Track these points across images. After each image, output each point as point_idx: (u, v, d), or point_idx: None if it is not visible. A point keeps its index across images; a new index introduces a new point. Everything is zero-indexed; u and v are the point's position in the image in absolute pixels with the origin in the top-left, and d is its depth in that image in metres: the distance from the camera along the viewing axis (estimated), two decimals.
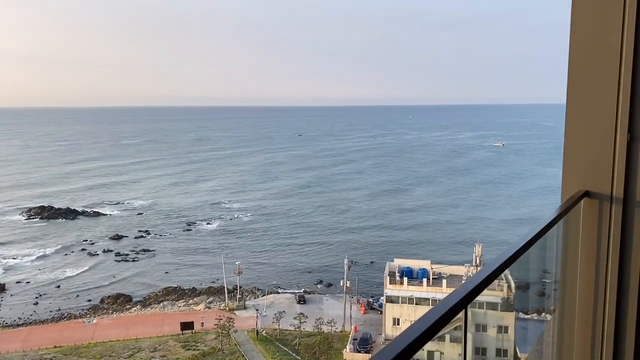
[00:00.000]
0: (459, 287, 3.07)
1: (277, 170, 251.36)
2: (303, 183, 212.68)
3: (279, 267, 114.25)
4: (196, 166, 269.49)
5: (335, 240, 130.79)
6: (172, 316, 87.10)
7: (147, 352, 73.40)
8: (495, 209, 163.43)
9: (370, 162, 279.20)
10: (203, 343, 75.78)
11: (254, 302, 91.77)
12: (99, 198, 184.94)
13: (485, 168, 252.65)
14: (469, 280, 3.15)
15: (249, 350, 73.48)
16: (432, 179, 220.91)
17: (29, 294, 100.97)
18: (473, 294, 3.01)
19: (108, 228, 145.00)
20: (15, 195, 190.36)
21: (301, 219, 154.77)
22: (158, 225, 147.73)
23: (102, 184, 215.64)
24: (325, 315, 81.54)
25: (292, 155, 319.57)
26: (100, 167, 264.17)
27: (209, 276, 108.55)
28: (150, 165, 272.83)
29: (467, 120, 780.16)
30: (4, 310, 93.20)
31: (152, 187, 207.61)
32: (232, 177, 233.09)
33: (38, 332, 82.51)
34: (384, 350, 2.20)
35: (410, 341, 2.29)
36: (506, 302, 40.18)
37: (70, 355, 73.17)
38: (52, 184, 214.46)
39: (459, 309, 2.83)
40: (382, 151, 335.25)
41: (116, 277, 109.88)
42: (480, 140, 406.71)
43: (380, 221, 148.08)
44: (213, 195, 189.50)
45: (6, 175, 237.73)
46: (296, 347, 74.48)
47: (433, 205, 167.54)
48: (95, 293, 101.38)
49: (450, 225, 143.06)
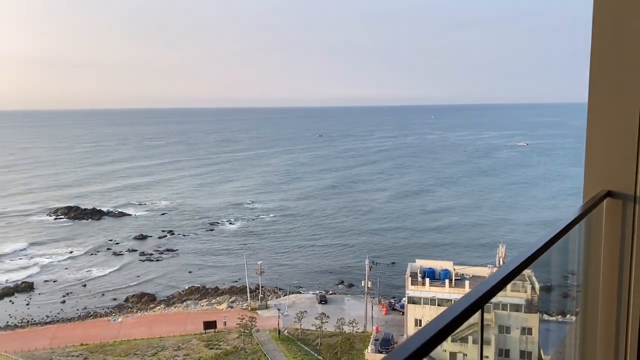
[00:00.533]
0: (475, 286, 3.04)
1: (300, 171, 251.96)
2: (326, 184, 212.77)
3: (301, 268, 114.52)
4: (219, 167, 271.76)
5: (357, 241, 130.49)
6: (195, 315, 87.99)
7: (171, 351, 74.28)
8: (520, 210, 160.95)
9: (393, 162, 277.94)
10: (225, 342, 76.38)
11: (275, 302, 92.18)
12: (124, 199, 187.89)
13: (509, 168, 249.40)
14: (486, 280, 3.14)
15: (271, 349, 73.82)
16: (455, 180, 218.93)
17: (56, 292, 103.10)
18: (490, 293, 2.98)
19: (133, 228, 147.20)
20: (43, 196, 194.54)
21: (323, 220, 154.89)
22: (181, 226, 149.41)
23: (127, 185, 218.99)
24: (346, 316, 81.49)
25: (315, 155, 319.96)
26: (125, 169, 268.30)
27: (231, 276, 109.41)
28: (174, 166, 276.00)
29: (491, 119, 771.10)
30: (32, 309, 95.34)
31: (175, 188, 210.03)
32: (255, 177, 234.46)
33: (65, 329, 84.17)
34: (400, 348, 2.20)
35: (425, 340, 2.28)
36: (530, 303, 39.71)
37: (97, 352, 74.46)
38: (78, 185, 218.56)
39: (476, 309, 2.80)
40: (405, 151, 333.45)
41: (140, 276, 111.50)
42: (504, 140, 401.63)
43: (403, 223, 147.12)
44: (236, 196, 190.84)
45: (35, 176, 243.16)
46: (318, 347, 74.56)
47: (456, 207, 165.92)
48: (120, 292, 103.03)
49: (474, 227, 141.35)
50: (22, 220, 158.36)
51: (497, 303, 4.78)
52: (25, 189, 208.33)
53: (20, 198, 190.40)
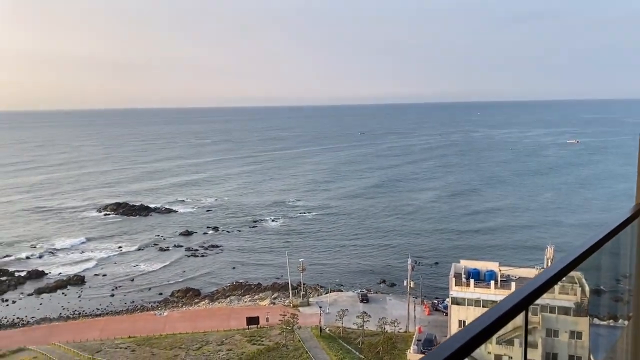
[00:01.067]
0: (520, 287, 2.93)
1: (342, 170, 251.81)
2: (368, 183, 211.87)
3: (342, 266, 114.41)
4: (262, 166, 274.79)
5: (400, 242, 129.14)
6: (238, 311, 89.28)
7: (215, 346, 75.61)
8: (571, 212, 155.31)
9: (438, 161, 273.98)
10: (268, 338, 77.16)
11: (317, 300, 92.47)
12: (171, 196, 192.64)
13: (558, 167, 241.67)
14: (531, 280, 2.99)
15: (312, 346, 74.09)
16: (502, 179, 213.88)
17: (106, 286, 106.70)
18: (535, 295, 2.83)
19: (179, 224, 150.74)
20: (94, 192, 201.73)
21: (366, 219, 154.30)
22: (226, 223, 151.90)
23: (174, 182, 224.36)
24: (388, 315, 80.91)
25: (357, 154, 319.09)
26: (173, 167, 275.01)
27: (273, 273, 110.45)
28: (219, 164, 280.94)
29: (539, 116, 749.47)
30: (83, 301, 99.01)
31: (221, 186, 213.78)
32: (297, 176, 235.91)
33: (114, 322, 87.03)
34: (441, 347, 2.20)
35: (466, 340, 2.26)
36: (579, 306, 38.22)
37: (143, 345, 76.58)
38: (128, 182, 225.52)
39: (520, 310, 2.71)
40: (450, 150, 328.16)
41: (186, 271, 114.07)
42: (553, 138, 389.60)
43: (448, 224, 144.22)
44: (279, 194, 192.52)
45: (87, 173, 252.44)
46: (359, 346, 74.33)
47: (503, 208, 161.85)
48: (166, 286, 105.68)
49: (522, 229, 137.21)
50: (74, 215, 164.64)
51: (545, 305, 4.58)
52: (79, 186, 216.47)
53: (73, 194, 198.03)
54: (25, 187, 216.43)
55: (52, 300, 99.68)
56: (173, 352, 73.54)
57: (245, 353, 72.76)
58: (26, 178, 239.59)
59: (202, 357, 71.92)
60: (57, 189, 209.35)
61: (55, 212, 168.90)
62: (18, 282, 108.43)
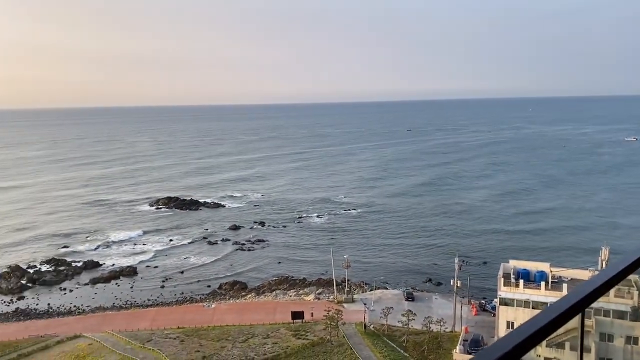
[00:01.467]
0: (575, 289, 2.81)
1: (389, 167, 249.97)
2: (416, 181, 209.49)
3: (388, 264, 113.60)
4: (309, 163, 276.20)
5: (448, 241, 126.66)
6: (283, 304, 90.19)
7: (260, 338, 76.65)
8: (630, 213, 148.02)
9: (488, 159, 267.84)
10: (312, 333, 77.57)
11: (361, 297, 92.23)
12: (220, 190, 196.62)
13: (616, 166, 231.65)
14: (587, 282, 2.86)
15: (356, 343, 73.98)
16: (555, 178, 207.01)
17: (157, 277, 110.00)
18: (591, 297, 2.73)
19: (227, 218, 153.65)
20: (147, 187, 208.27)
21: (413, 218, 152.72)
22: (272, 218, 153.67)
23: (223, 178, 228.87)
24: (434, 314, 79.78)
25: (404, 151, 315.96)
26: (222, 163, 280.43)
27: (318, 268, 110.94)
28: (267, 160, 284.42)
29: (595, 112, 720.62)
30: (135, 292, 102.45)
31: (268, 181, 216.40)
32: (344, 173, 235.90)
33: (164, 313, 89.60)
34: (490, 348, 2.14)
35: (518, 342, 2.19)
36: (636, 311, 36.74)
37: (192, 336, 78.51)
38: (179, 178, 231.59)
39: (575, 313, 2.61)
40: (500, 147, 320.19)
41: (233, 265, 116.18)
42: (609, 135, 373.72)
43: (498, 224, 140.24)
44: (326, 191, 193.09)
45: (141, 168, 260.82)
46: (404, 344, 73.68)
47: (557, 208, 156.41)
48: (214, 279, 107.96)
49: (577, 230, 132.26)
50: (128, 209, 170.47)
51: (599, 309, 4.23)
52: (133, 181, 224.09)
53: (127, 189, 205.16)
54: (83, 180, 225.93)
55: (105, 290, 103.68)
56: (220, 344, 75.02)
57: (290, 347, 73.40)
58: (85, 172, 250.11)
59: (248, 350, 73.06)
60: (112, 183, 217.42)
61: (111, 206, 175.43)
62: (75, 272, 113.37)
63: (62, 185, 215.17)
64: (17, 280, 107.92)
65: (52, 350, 75.03)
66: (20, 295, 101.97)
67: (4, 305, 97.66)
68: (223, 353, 72.31)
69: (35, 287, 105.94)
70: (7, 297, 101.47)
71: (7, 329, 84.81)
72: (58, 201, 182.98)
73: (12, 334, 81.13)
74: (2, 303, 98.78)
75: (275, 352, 72.08)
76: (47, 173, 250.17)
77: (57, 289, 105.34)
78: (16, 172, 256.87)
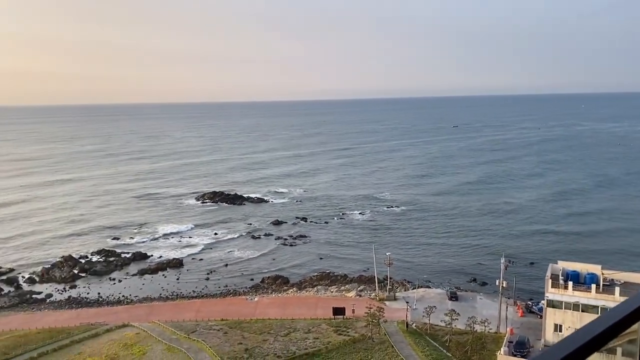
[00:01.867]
0: (635, 293, 2.65)
1: (435, 164, 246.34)
2: (462, 179, 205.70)
3: (431, 263, 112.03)
4: (354, 159, 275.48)
5: (494, 242, 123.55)
6: (325, 300, 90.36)
7: (302, 333, 77.06)
8: None
9: (538, 157, 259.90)
10: (354, 329, 77.38)
11: (403, 295, 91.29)
12: (264, 186, 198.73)
13: None
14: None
15: (398, 341, 73.31)
16: (610, 178, 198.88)
17: (202, 270, 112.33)
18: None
19: (270, 214, 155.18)
20: (194, 182, 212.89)
21: (458, 217, 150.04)
22: (314, 214, 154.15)
23: (267, 173, 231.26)
24: (478, 314, 78.13)
25: (450, 148, 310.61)
26: (267, 159, 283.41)
27: (359, 265, 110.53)
28: (312, 156, 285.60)
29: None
30: (181, 284, 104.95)
31: (312, 177, 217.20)
32: (388, 170, 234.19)
33: (208, 304, 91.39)
34: (541, 356, 2.08)
35: (573, 349, 2.10)
36: None
37: (235, 328, 79.74)
38: (225, 173, 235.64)
39: (634, 320, 2.49)
40: (551, 145, 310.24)
41: (275, 259, 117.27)
42: None
43: (547, 225, 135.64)
44: (369, 188, 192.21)
45: (188, 164, 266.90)
46: (446, 344, 72.49)
47: (609, 209, 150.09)
48: (257, 273, 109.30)
49: (630, 233, 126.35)
50: (176, 203, 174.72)
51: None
52: (181, 176, 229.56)
53: (175, 183, 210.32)
54: (134, 174, 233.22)
55: (153, 281, 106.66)
56: (262, 337, 75.87)
57: (331, 343, 73.46)
58: (136, 166, 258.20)
59: (289, 344, 73.59)
60: (161, 178, 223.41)
61: (159, 199, 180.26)
62: (124, 263, 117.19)
63: (115, 179, 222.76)
64: (70, 269, 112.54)
65: (101, 338, 77.78)
66: (72, 284, 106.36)
67: (58, 294, 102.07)
68: (265, 346, 73.07)
69: (87, 277, 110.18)
70: (60, 285, 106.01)
71: (60, 316, 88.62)
72: (109, 194, 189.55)
73: (65, 321, 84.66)
74: (56, 291, 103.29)
75: (317, 347, 72.28)
76: (100, 167, 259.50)
77: (107, 279, 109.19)
78: (71, 165, 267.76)
